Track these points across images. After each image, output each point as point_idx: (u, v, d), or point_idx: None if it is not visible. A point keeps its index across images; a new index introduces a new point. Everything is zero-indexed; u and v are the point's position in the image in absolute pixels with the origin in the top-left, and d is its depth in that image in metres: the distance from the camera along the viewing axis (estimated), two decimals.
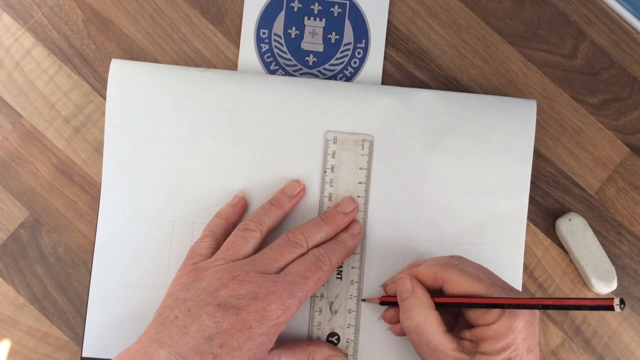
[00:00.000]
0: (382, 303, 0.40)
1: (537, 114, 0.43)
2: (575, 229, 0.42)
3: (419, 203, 0.42)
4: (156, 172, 0.41)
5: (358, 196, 0.41)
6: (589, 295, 0.43)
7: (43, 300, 0.42)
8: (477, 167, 0.42)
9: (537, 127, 0.43)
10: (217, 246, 0.38)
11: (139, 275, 0.41)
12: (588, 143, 0.44)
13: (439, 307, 0.36)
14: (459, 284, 0.35)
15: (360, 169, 0.41)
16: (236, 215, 0.41)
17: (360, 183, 0.41)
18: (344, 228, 0.40)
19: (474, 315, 0.35)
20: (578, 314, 0.43)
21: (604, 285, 0.42)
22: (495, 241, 0.42)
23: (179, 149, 0.41)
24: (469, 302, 0.35)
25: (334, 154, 0.41)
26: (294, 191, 0.41)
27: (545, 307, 0.33)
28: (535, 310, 0.34)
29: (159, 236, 0.41)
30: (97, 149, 0.43)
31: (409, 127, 0.42)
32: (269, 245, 0.37)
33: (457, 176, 0.42)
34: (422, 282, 0.37)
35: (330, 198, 0.41)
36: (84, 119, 0.43)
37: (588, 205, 0.44)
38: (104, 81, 0.43)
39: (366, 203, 0.41)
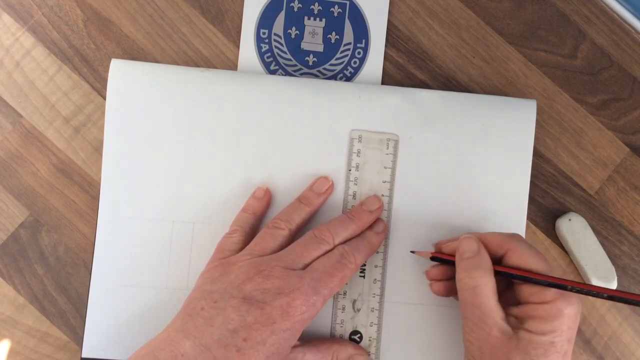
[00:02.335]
0: (433, 259, 0.39)
1: (537, 114, 0.43)
2: (575, 229, 0.42)
3: (419, 203, 0.42)
4: (156, 172, 0.41)
5: (382, 195, 0.41)
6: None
7: (43, 300, 0.42)
8: (477, 167, 0.42)
9: (537, 127, 0.43)
10: (245, 241, 0.39)
11: (139, 275, 0.41)
12: (588, 143, 0.44)
13: (495, 274, 0.36)
14: (523, 257, 0.35)
15: (385, 167, 0.41)
16: (262, 208, 0.40)
17: (384, 182, 0.41)
18: (368, 226, 0.40)
19: (527, 291, 0.35)
20: None
21: (604, 285, 0.42)
22: None
23: (179, 149, 0.41)
24: (533, 277, 0.35)
25: (359, 152, 0.42)
26: (322, 188, 0.41)
27: (610, 298, 0.33)
28: (581, 305, 0.34)
29: (159, 236, 0.41)
30: (97, 149, 0.43)
31: (409, 127, 0.42)
32: (296, 241, 0.38)
33: (456, 176, 0.42)
34: (485, 246, 0.37)
35: (354, 196, 0.41)
36: (84, 119, 0.43)
37: (588, 205, 0.44)
38: (104, 81, 0.43)
39: (390, 202, 0.41)
